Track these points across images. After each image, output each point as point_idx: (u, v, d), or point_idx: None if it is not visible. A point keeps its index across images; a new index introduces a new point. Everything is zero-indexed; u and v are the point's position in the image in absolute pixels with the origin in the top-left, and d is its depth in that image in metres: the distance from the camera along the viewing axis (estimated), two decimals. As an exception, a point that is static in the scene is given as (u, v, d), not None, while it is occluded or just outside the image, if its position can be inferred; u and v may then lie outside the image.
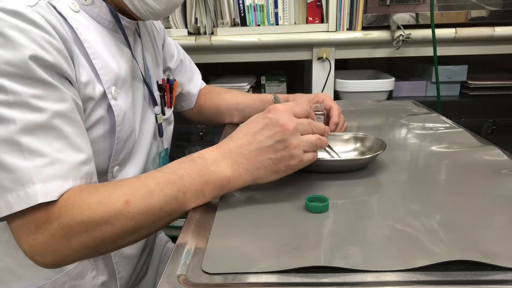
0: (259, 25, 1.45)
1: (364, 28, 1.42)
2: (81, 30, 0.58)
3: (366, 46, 1.44)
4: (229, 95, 0.98)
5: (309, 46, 1.44)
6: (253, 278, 0.39)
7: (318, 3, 1.43)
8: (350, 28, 1.42)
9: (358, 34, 1.40)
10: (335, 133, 0.76)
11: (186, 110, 0.98)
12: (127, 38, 0.67)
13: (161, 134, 0.77)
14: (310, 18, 1.44)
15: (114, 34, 0.65)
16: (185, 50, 0.97)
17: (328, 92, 1.47)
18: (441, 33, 1.37)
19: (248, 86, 1.55)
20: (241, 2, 1.42)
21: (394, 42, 1.38)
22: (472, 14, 1.39)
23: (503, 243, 0.43)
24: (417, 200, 0.54)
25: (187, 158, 0.54)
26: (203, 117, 1.00)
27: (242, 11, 1.43)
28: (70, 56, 0.54)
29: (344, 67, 1.74)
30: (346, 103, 1.13)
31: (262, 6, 1.43)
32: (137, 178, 0.52)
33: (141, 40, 0.74)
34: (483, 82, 1.50)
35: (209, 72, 1.73)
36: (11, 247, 0.61)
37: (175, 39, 1.03)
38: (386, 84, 1.45)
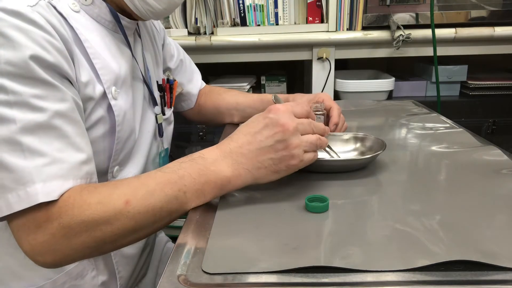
0: (259, 25, 1.45)
1: (364, 28, 1.42)
2: (81, 30, 0.58)
3: (366, 46, 1.44)
4: (229, 95, 0.98)
5: (309, 46, 1.44)
6: (253, 278, 0.39)
7: (318, 3, 1.42)
8: (350, 28, 1.42)
9: (358, 34, 1.40)
10: (335, 133, 0.76)
11: (186, 110, 0.98)
12: (127, 38, 0.67)
13: (161, 134, 0.77)
14: (310, 18, 1.44)
15: (114, 34, 0.65)
16: (185, 50, 0.97)
17: (328, 92, 1.47)
18: (441, 33, 1.37)
19: (248, 86, 1.55)
20: (241, 2, 1.42)
21: (394, 42, 1.38)
22: (472, 14, 1.39)
23: (503, 243, 0.43)
24: (417, 200, 0.54)
25: (188, 158, 0.54)
26: (203, 117, 1.00)
27: (242, 11, 1.43)
28: (71, 56, 0.54)
29: (344, 67, 1.74)
30: (346, 103, 1.13)
31: (262, 6, 1.43)
32: (137, 178, 0.52)
33: (141, 40, 0.74)
34: (483, 82, 1.50)
35: (209, 72, 1.73)
36: (11, 247, 0.61)
37: (175, 39, 1.03)
38: (386, 84, 1.45)
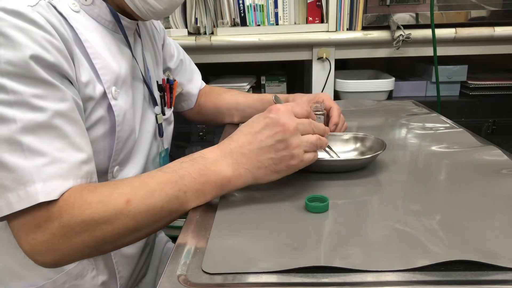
0: (259, 25, 1.45)
1: (364, 28, 1.42)
2: (81, 30, 0.58)
3: (366, 46, 1.44)
4: (229, 95, 0.98)
5: (309, 46, 1.44)
6: (253, 278, 0.39)
7: (318, 3, 1.42)
8: (350, 28, 1.42)
9: (358, 34, 1.40)
10: (335, 133, 0.76)
11: (186, 110, 0.98)
12: (127, 38, 0.67)
13: (161, 134, 0.77)
14: (310, 18, 1.44)
15: (114, 34, 0.65)
16: (185, 50, 0.97)
17: (328, 92, 1.47)
18: (441, 33, 1.37)
19: (248, 86, 1.55)
20: (241, 2, 1.42)
21: (394, 42, 1.38)
22: (472, 14, 1.39)
23: (503, 243, 0.43)
24: (417, 200, 0.54)
25: (188, 158, 0.54)
26: (203, 117, 1.00)
27: (242, 11, 1.43)
28: (71, 56, 0.54)
29: (344, 67, 1.74)
30: (346, 103, 1.13)
31: (262, 6, 1.43)
32: (137, 178, 0.52)
33: (141, 40, 0.74)
34: (483, 82, 1.50)
35: (209, 72, 1.73)
36: (11, 247, 0.61)
37: (175, 39, 1.03)
38: (386, 84, 1.45)
